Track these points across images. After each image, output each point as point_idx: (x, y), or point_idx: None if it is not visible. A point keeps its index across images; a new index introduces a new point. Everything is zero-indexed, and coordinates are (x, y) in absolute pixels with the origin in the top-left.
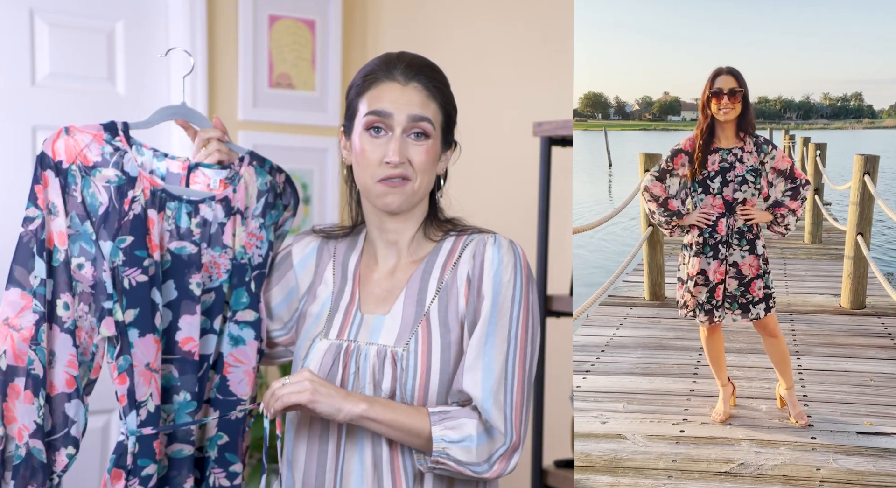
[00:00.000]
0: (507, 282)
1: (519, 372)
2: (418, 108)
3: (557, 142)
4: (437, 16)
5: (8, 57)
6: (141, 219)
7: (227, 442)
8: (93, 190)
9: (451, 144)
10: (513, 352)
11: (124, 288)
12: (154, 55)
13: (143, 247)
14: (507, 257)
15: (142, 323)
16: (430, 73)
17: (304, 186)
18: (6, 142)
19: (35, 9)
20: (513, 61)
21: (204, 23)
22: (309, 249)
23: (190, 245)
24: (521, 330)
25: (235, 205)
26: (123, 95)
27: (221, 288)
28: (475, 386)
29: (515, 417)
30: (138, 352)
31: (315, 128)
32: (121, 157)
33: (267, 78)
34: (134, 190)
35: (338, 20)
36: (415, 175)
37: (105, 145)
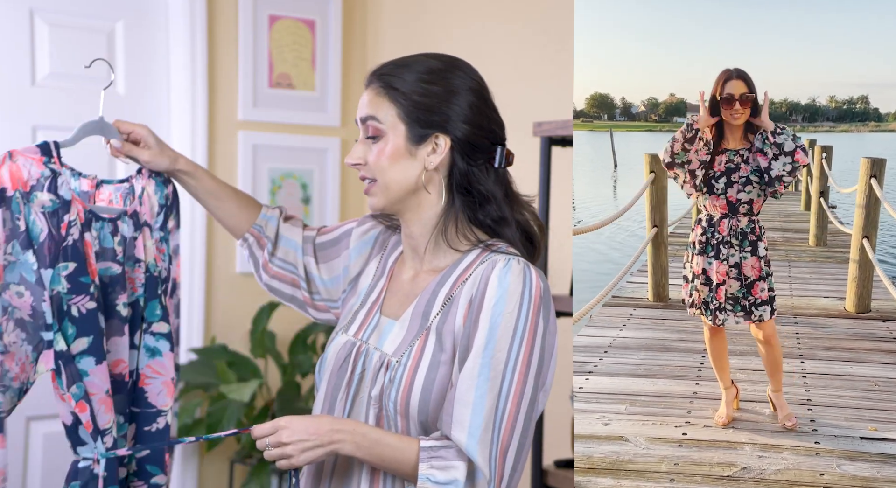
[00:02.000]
0: (510, 313)
1: (511, 411)
2: (366, 108)
3: (557, 143)
4: (437, 16)
5: (8, 57)
6: (79, 243)
7: (148, 454)
8: (33, 216)
9: (426, 136)
10: (507, 389)
11: (73, 316)
12: (154, 55)
13: (86, 273)
14: (515, 285)
15: (96, 350)
16: (391, 70)
17: (304, 186)
18: (6, 142)
19: (35, 9)
20: (513, 61)
21: (204, 23)
22: (369, 236)
23: (115, 265)
24: (520, 364)
25: (143, 217)
26: (123, 95)
27: (138, 301)
28: (461, 426)
29: (499, 458)
30: (96, 380)
31: (315, 128)
32: (55, 180)
33: (267, 78)
34: (69, 214)
35: (338, 20)
36: (372, 174)
37: (43, 168)
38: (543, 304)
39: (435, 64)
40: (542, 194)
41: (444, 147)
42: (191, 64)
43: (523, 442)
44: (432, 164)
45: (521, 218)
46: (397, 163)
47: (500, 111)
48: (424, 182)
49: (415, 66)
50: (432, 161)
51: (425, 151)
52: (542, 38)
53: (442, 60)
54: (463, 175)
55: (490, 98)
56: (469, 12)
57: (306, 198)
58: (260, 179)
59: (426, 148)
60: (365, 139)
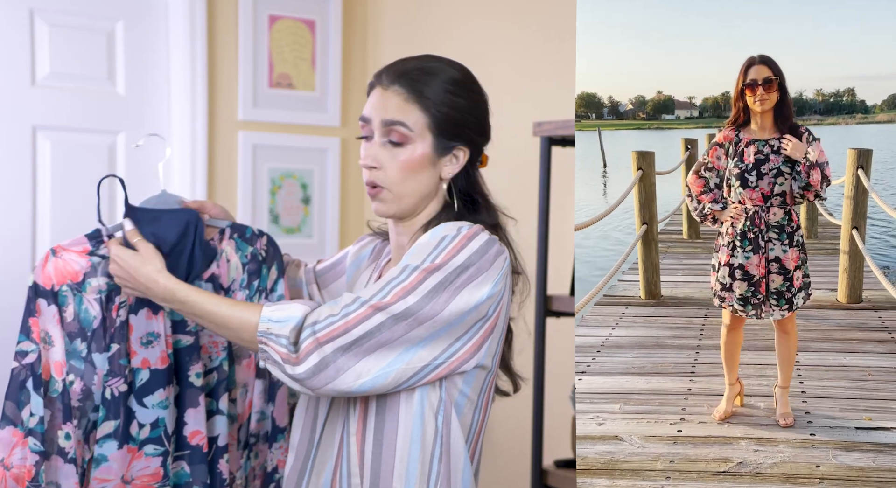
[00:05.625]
0: (426, 242)
1: (361, 313)
2: (393, 112)
3: (557, 143)
4: (437, 16)
5: (8, 57)
6: (125, 324)
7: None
8: (85, 305)
9: (450, 149)
10: (391, 286)
11: (105, 398)
12: (154, 55)
13: (126, 355)
14: (440, 229)
15: (120, 434)
16: (418, 76)
17: (304, 186)
18: (6, 142)
19: (35, 9)
20: (513, 61)
21: (204, 23)
22: (365, 251)
23: (186, 337)
24: (412, 279)
25: (220, 281)
26: (123, 95)
27: (222, 366)
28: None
29: (322, 335)
30: (114, 466)
31: (315, 128)
32: (107, 264)
33: (267, 78)
34: (120, 295)
35: (338, 20)
36: (387, 182)
37: (93, 257)
38: (480, 239)
39: (456, 74)
40: (542, 194)
41: (462, 159)
42: (191, 64)
43: (364, 343)
44: (449, 175)
45: (499, 221)
46: (419, 174)
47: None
48: (436, 190)
49: (440, 75)
50: (449, 171)
51: (444, 162)
52: (542, 38)
53: (460, 70)
54: (468, 182)
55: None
56: (469, 12)
57: (306, 198)
58: (260, 179)
59: (447, 158)
60: (383, 141)
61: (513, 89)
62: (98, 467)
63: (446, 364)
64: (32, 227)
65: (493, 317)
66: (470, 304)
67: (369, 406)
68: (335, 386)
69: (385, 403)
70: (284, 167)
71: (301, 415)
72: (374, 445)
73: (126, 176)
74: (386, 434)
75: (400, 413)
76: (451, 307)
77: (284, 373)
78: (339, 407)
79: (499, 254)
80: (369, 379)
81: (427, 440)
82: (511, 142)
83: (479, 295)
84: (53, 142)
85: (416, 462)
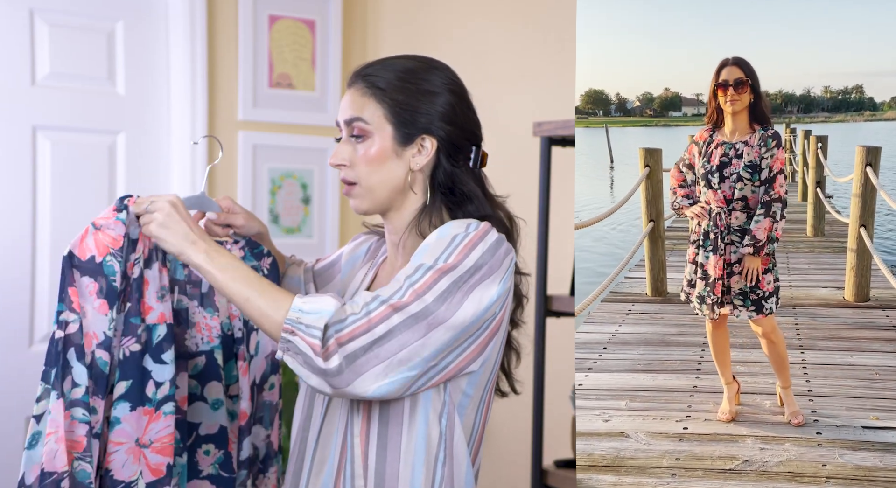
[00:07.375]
0: (436, 241)
1: (393, 307)
2: (350, 110)
3: (558, 142)
4: (437, 16)
5: (8, 57)
6: (139, 282)
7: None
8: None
9: (413, 138)
10: (408, 285)
11: (117, 358)
12: (154, 55)
13: (138, 313)
14: (456, 224)
15: (133, 395)
16: (374, 71)
17: (304, 186)
18: (6, 142)
19: (35, 9)
20: (513, 61)
21: (204, 23)
22: (360, 250)
23: (185, 298)
24: (426, 279)
25: None
26: (123, 95)
27: (213, 354)
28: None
29: (344, 335)
30: (127, 428)
31: (315, 128)
32: (129, 218)
33: (267, 78)
34: (135, 252)
35: (338, 20)
36: (357, 177)
37: (119, 213)
38: (490, 238)
39: (411, 64)
40: (543, 194)
41: (430, 149)
42: (191, 64)
43: (384, 344)
44: (418, 165)
45: (497, 216)
46: (383, 165)
47: (500, 111)
48: (410, 182)
49: (393, 66)
50: (418, 162)
51: (411, 152)
52: (543, 38)
53: (418, 60)
54: (447, 175)
55: (468, 98)
56: (469, 12)
57: (306, 198)
58: (260, 179)
59: (412, 149)
60: (349, 138)
61: (513, 89)
62: (112, 430)
63: (454, 364)
64: (32, 227)
65: (500, 316)
66: (482, 305)
67: (373, 407)
68: (353, 388)
69: (389, 405)
70: (284, 167)
71: (297, 415)
72: (378, 448)
73: (126, 176)
74: (391, 437)
75: (404, 416)
76: (465, 308)
77: (310, 366)
78: (340, 407)
79: (507, 254)
80: (385, 383)
81: (432, 444)
82: (511, 142)
83: (490, 295)
84: (53, 142)
85: (420, 466)
